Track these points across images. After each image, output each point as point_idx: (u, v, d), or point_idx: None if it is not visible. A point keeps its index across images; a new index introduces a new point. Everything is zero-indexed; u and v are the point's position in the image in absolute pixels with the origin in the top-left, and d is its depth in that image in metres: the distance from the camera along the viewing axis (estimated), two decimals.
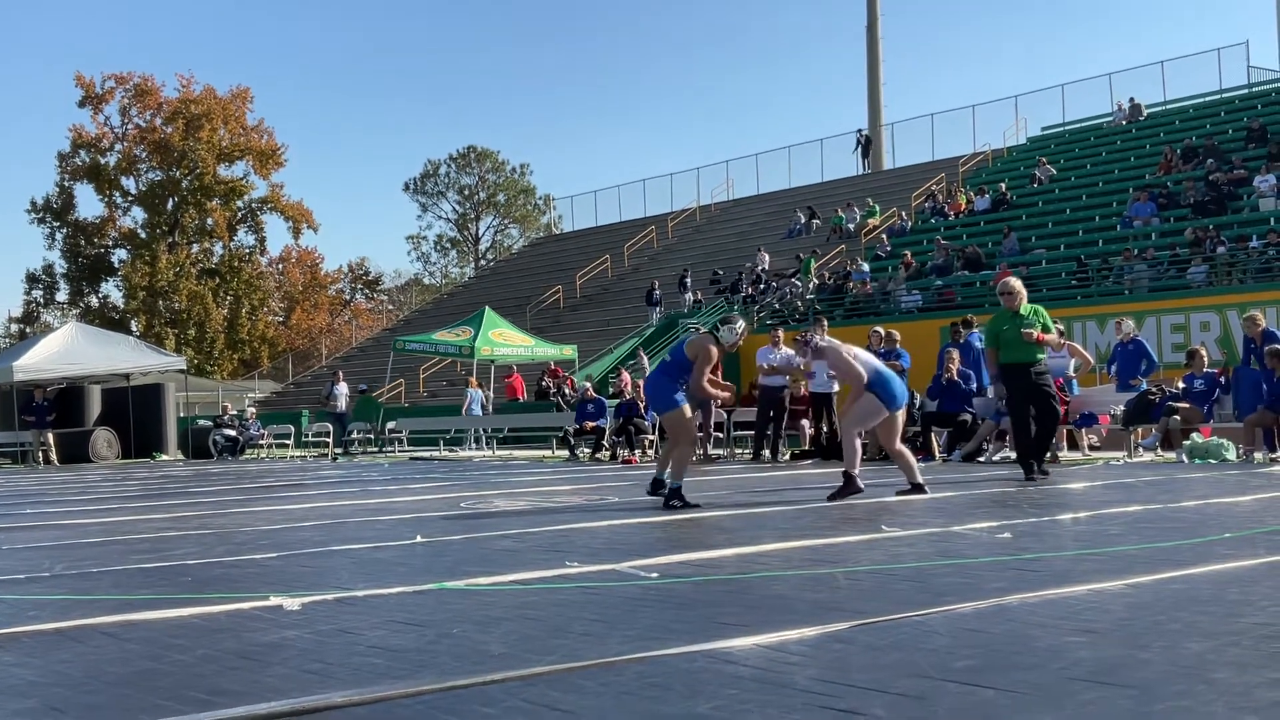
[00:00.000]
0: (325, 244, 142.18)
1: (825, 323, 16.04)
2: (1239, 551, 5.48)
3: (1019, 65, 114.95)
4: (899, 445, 9.55)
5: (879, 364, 9.64)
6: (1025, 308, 11.06)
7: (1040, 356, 10.97)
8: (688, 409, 9.22)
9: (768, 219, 44.22)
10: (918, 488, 9.36)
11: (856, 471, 9.25)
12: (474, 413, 26.26)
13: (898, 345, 16.30)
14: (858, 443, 9.43)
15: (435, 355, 31.36)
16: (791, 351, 16.99)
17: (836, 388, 16.55)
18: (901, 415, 9.52)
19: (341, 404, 26.90)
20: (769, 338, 17.65)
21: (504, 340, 28.94)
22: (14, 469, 25.16)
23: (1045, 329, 10.96)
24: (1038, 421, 10.94)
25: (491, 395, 29.01)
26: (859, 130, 46.19)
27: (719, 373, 10.28)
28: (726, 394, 9.83)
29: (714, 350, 9.10)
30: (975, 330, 16.79)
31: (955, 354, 15.72)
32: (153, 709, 3.04)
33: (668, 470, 9.16)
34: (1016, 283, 11.35)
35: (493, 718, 2.87)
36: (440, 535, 7.25)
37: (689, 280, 37.41)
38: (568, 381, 28.34)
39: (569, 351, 30.85)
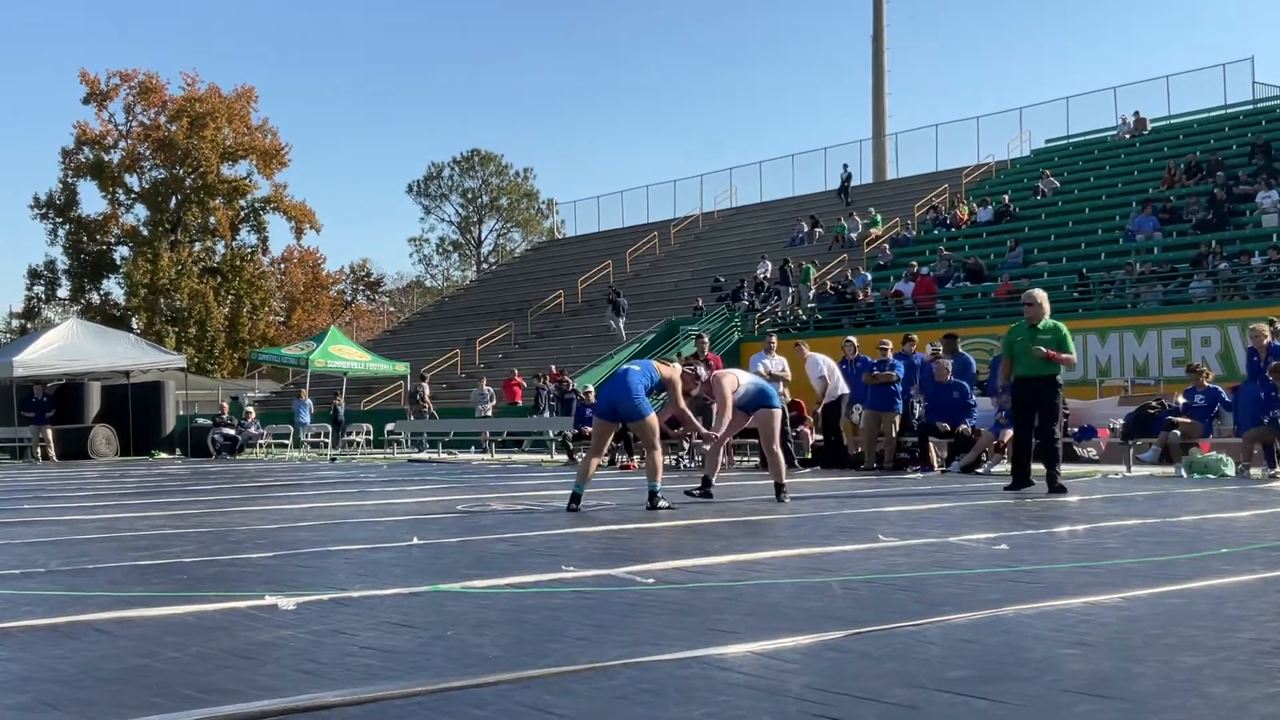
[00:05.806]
0: (327, 245, 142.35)
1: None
2: (1236, 567, 5.48)
3: (1024, 77, 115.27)
4: (775, 446, 10.13)
5: (755, 380, 10.38)
6: (1045, 323, 11.06)
7: (1052, 373, 10.94)
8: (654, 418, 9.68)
9: (770, 227, 44.20)
10: (780, 489, 9.89)
11: (785, 482, 9.98)
12: (302, 420, 29.15)
13: (889, 355, 16.04)
14: (781, 455, 10.16)
15: (282, 364, 35.90)
16: (784, 360, 17.09)
17: (843, 388, 16.56)
18: (778, 414, 10.16)
19: (425, 408, 29.49)
20: (764, 344, 17.66)
21: (340, 355, 32.12)
22: (12, 464, 25.14)
23: (1060, 347, 10.91)
24: (1038, 434, 11.00)
25: (343, 404, 32.11)
26: (844, 164, 44.44)
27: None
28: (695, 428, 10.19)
29: (685, 377, 9.62)
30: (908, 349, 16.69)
31: (947, 364, 15.66)
32: (146, 706, 3.03)
33: (587, 484, 9.59)
34: (1040, 294, 11.34)
35: None
36: (437, 537, 7.25)
37: (622, 302, 37.25)
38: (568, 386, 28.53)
39: (401, 368, 33.88)
